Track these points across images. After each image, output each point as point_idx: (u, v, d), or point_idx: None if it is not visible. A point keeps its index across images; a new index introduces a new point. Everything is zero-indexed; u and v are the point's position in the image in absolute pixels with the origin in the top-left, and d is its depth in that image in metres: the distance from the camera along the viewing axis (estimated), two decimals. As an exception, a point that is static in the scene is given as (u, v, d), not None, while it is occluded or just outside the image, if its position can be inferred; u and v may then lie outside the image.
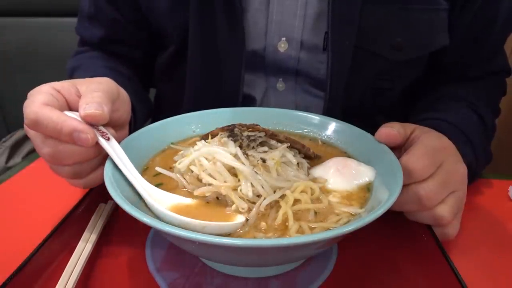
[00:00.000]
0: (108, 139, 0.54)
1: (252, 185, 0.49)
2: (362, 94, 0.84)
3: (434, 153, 0.55)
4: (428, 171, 0.54)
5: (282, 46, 0.79)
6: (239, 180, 0.50)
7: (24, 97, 0.54)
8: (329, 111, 0.79)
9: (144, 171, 0.59)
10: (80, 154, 0.53)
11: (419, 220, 0.57)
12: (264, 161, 0.52)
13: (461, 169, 0.58)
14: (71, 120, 0.51)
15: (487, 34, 0.82)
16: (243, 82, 0.80)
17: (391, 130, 0.58)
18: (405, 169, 0.52)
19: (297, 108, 0.85)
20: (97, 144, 0.53)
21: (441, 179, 0.55)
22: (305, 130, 0.71)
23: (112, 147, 0.53)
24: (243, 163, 0.50)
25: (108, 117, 0.54)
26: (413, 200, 0.54)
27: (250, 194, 0.49)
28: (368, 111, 0.86)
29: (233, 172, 0.51)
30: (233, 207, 0.48)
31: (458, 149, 0.60)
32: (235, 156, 0.52)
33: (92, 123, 0.53)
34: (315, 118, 0.70)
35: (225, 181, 0.50)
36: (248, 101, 0.86)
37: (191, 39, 0.79)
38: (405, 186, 0.51)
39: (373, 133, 0.61)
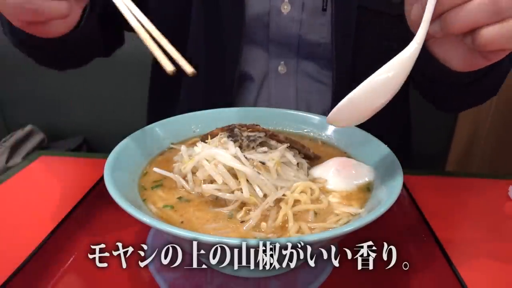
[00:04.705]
0: None
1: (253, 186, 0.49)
2: (371, 59, 0.82)
3: None
4: None
5: (285, 8, 0.80)
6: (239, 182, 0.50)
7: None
8: (338, 81, 0.79)
9: (144, 176, 0.58)
10: None
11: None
12: (263, 163, 0.52)
13: None
14: None
15: None
16: (242, 51, 0.81)
17: None
18: None
19: (297, 93, 0.86)
20: None
21: None
22: (305, 130, 0.71)
23: None
24: (243, 164, 0.50)
25: None
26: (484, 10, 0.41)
27: (252, 195, 0.49)
28: None
29: (232, 172, 0.51)
30: (239, 216, 0.49)
31: None
32: (235, 157, 0.52)
33: None
34: (315, 118, 0.71)
35: (225, 183, 0.50)
36: (246, 81, 0.85)
37: (194, 6, 0.80)
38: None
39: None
